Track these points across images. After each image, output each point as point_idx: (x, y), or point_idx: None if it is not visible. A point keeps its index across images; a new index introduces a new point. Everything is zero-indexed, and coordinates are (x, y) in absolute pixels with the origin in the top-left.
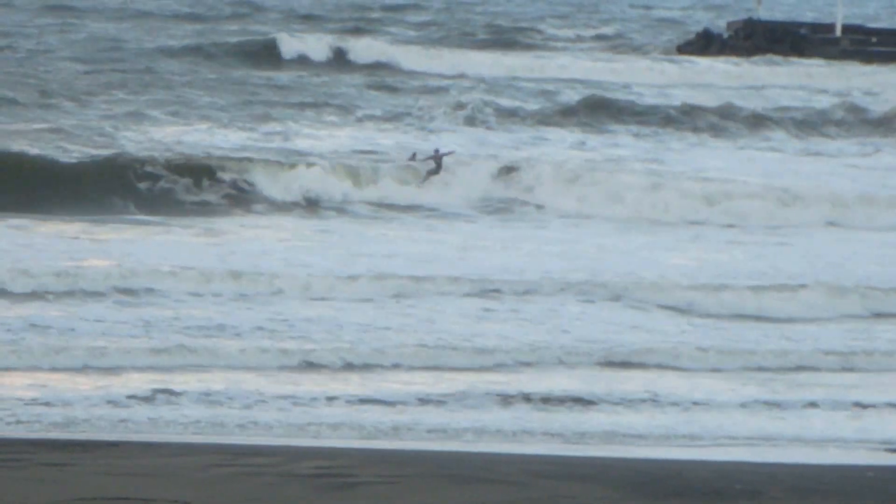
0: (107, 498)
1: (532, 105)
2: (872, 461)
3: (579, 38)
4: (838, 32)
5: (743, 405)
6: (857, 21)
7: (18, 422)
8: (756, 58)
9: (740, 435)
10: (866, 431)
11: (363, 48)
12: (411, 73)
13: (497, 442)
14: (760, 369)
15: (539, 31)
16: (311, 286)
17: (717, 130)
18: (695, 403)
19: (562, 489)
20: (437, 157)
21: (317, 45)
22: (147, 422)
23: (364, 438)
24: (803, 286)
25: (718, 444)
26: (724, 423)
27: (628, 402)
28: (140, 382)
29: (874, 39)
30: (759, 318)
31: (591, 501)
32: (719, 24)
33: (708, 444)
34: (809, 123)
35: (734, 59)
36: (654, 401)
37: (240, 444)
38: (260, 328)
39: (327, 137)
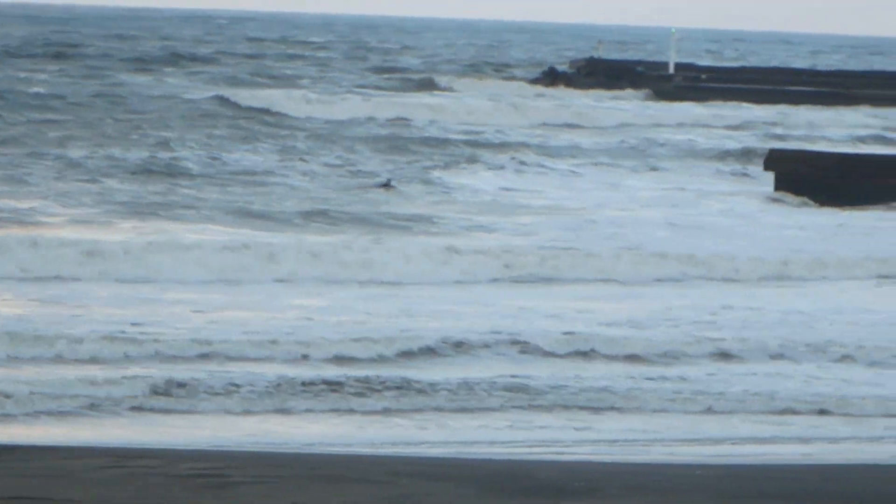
0: (2, 498)
1: None
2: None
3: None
4: (672, 70)
5: None
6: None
7: None
8: None
9: None
10: None
11: None
12: None
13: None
14: None
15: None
16: None
17: None
18: None
19: (421, 487)
20: None
21: None
22: None
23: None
24: None
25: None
26: None
27: None
28: None
29: (704, 76)
30: None
31: (448, 499)
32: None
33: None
34: None
35: None
36: None
37: (125, 447)
38: None
39: None
